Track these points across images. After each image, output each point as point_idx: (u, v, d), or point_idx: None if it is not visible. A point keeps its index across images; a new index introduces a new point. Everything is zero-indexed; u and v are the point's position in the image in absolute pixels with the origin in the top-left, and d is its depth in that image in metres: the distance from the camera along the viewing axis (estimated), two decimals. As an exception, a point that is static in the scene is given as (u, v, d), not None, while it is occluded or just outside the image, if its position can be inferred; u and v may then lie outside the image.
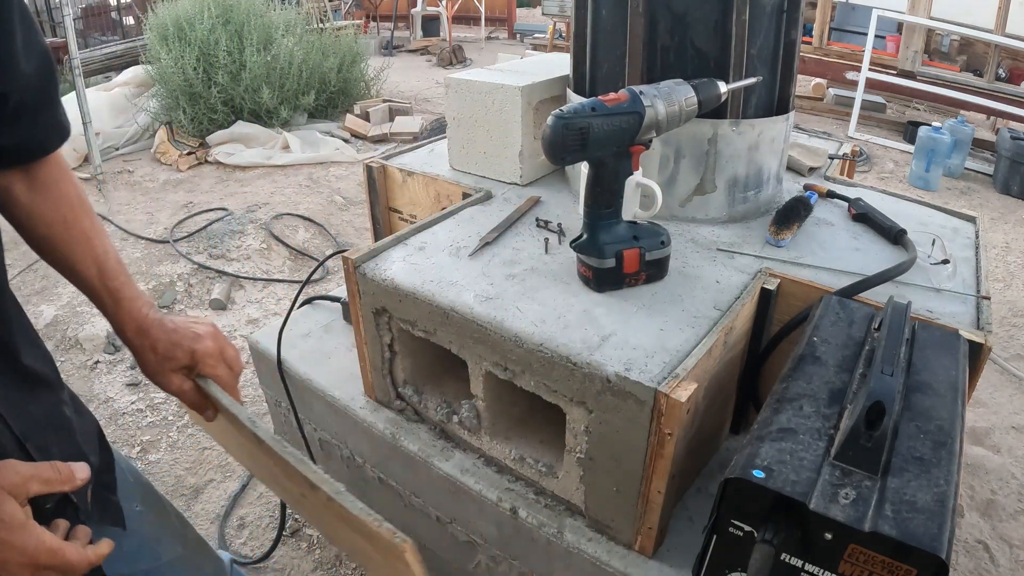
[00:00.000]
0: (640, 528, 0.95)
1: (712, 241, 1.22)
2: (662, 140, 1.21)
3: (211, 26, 4.25)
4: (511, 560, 1.13)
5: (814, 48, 6.36)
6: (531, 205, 1.35)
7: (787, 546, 0.67)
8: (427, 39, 9.49)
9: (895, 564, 0.62)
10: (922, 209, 1.41)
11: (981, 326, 0.99)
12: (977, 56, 6.77)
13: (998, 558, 1.62)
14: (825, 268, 1.12)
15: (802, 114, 5.57)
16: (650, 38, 1.21)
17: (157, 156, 4.11)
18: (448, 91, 1.47)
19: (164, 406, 2.08)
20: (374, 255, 1.15)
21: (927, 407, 0.78)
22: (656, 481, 0.89)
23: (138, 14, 5.72)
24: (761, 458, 0.70)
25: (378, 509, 0.61)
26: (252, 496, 1.75)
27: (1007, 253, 3.35)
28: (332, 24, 5.58)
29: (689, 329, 0.96)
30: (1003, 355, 2.47)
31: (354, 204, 3.57)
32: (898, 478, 0.67)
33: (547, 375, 0.95)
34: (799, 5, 1.23)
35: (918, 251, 1.15)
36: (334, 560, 1.56)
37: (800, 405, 0.78)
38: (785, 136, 1.32)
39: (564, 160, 0.98)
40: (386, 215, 1.61)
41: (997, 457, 1.96)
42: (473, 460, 1.16)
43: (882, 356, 0.78)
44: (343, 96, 5.02)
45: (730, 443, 1.21)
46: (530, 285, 1.07)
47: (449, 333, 1.05)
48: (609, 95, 0.96)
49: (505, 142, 1.43)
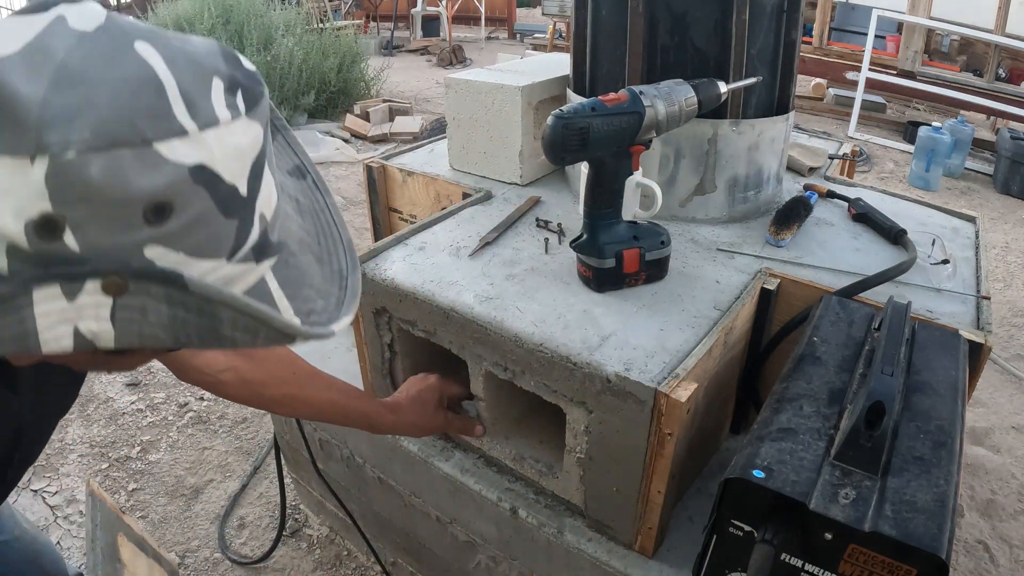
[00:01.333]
0: (640, 528, 0.95)
1: (712, 241, 1.22)
2: (662, 140, 1.21)
3: (211, 26, 4.25)
4: (511, 560, 1.13)
5: (814, 48, 6.36)
6: (531, 205, 1.36)
7: (787, 546, 0.67)
8: (427, 39, 9.49)
9: (895, 564, 0.62)
10: (922, 209, 1.41)
11: (981, 326, 0.99)
12: (977, 56, 6.77)
13: (998, 558, 1.63)
14: (825, 268, 1.12)
15: (802, 114, 5.57)
16: (650, 38, 1.21)
17: (157, 156, 4.11)
18: (448, 91, 1.47)
19: (164, 406, 2.08)
20: (374, 255, 1.15)
21: (927, 407, 0.78)
22: (656, 481, 0.89)
23: (138, 14, 5.72)
24: (761, 458, 0.70)
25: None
26: (252, 496, 1.75)
27: (1007, 253, 3.35)
28: (332, 24, 5.59)
29: (689, 329, 0.96)
30: (1003, 355, 2.47)
31: (354, 204, 3.57)
32: (898, 478, 0.67)
33: (547, 375, 0.95)
34: (799, 5, 1.23)
35: (918, 251, 1.15)
36: (334, 560, 1.57)
37: (800, 405, 0.78)
38: (785, 136, 1.32)
39: (564, 160, 0.98)
40: (386, 215, 1.61)
41: (997, 457, 1.96)
42: (473, 460, 1.16)
43: (882, 356, 0.78)
44: (343, 96, 5.03)
45: (730, 443, 1.21)
46: (530, 285, 1.07)
47: (449, 333, 1.05)
48: (609, 95, 0.96)
49: (505, 142, 1.43)
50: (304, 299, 0.50)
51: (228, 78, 0.43)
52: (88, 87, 0.38)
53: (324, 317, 0.51)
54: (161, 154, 0.39)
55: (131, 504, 1.72)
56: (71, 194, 0.37)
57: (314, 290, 0.52)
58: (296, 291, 0.50)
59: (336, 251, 0.57)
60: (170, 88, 0.40)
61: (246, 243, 0.45)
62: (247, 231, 0.45)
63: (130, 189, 0.38)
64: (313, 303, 0.51)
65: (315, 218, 0.58)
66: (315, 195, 0.60)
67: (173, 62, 0.41)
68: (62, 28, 0.40)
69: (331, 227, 0.59)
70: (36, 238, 0.38)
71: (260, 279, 0.48)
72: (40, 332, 0.39)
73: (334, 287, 0.54)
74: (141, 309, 0.41)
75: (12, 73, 0.37)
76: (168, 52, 0.41)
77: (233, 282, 0.46)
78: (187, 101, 0.40)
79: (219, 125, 0.41)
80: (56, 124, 0.36)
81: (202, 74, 0.42)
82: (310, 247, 0.55)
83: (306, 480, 1.60)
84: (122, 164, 0.38)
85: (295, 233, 0.53)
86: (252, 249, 0.46)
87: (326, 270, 0.55)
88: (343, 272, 0.56)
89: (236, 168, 0.43)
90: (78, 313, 0.40)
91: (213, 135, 0.41)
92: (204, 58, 0.43)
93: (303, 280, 0.52)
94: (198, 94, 0.41)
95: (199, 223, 0.41)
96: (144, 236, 0.40)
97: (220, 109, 0.42)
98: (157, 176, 0.39)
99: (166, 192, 0.39)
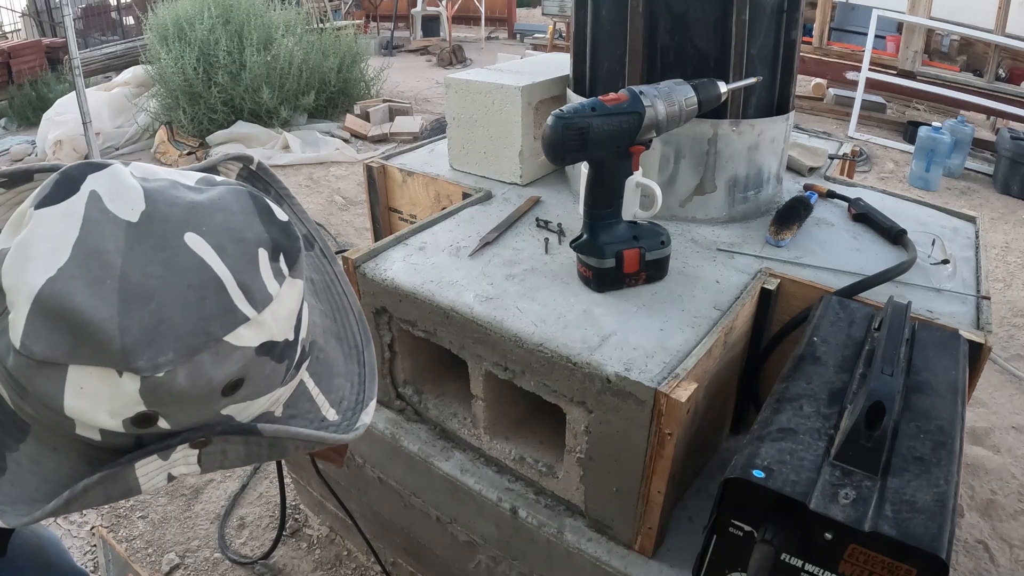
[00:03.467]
0: (640, 528, 0.95)
1: (712, 241, 1.22)
2: (662, 140, 1.21)
3: (211, 26, 4.25)
4: (511, 560, 1.13)
5: (814, 48, 6.36)
6: (531, 205, 1.35)
7: (787, 546, 0.67)
8: (427, 39, 9.49)
9: (895, 564, 0.62)
10: (922, 209, 1.41)
11: (981, 326, 0.98)
12: (977, 56, 6.77)
13: (998, 558, 1.62)
14: (825, 268, 1.12)
15: (802, 114, 5.57)
16: (650, 38, 1.21)
17: (157, 156, 4.12)
18: (448, 91, 1.47)
19: (164, 406, 2.07)
20: (374, 255, 1.15)
21: (927, 407, 0.77)
22: (656, 481, 0.89)
23: (138, 14, 5.72)
24: (761, 458, 0.70)
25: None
26: (252, 496, 1.75)
27: (1007, 253, 3.35)
28: (332, 24, 5.58)
29: (689, 329, 0.96)
30: (1003, 355, 2.47)
31: (354, 204, 3.57)
32: (898, 478, 0.67)
33: (547, 375, 0.95)
34: (799, 5, 1.23)
35: (918, 251, 1.15)
36: (334, 560, 1.56)
37: (800, 405, 0.78)
38: (785, 136, 1.32)
39: (564, 160, 0.98)
40: (386, 215, 1.61)
41: (997, 457, 1.96)
42: (473, 460, 1.16)
43: (882, 356, 0.78)
44: (343, 96, 5.03)
45: (730, 443, 1.21)
46: (530, 285, 1.07)
47: (449, 333, 1.05)
48: (609, 95, 0.96)
49: (505, 142, 1.43)
50: (335, 389, 0.57)
51: (270, 244, 0.47)
52: (158, 303, 0.41)
53: (352, 400, 0.58)
54: (232, 344, 0.43)
55: (131, 504, 1.72)
56: (164, 397, 0.42)
57: (341, 376, 0.58)
58: (328, 383, 0.57)
59: (349, 324, 0.62)
60: (228, 283, 0.43)
61: (292, 367, 0.51)
62: (294, 359, 0.51)
63: (212, 383, 0.43)
64: (342, 390, 0.58)
65: (328, 292, 0.63)
66: (323, 265, 0.64)
67: (223, 250, 0.44)
68: (102, 216, 0.42)
69: (342, 298, 0.63)
70: (133, 427, 0.43)
71: (300, 382, 0.54)
72: (141, 485, 0.46)
73: (354, 364, 0.60)
74: (222, 452, 0.48)
75: (76, 293, 0.39)
76: (216, 239, 0.44)
77: (278, 402, 0.52)
78: (244, 290, 0.44)
79: (273, 301, 0.46)
80: (140, 349, 0.40)
81: (249, 252, 0.45)
82: (330, 329, 0.60)
83: (306, 480, 1.60)
84: (203, 366, 0.42)
85: (319, 324, 0.59)
86: (295, 367, 0.52)
87: (345, 347, 0.61)
88: (359, 346, 0.62)
89: (287, 325, 0.48)
90: (171, 465, 0.46)
91: (269, 313, 0.46)
92: (246, 229, 0.46)
93: (332, 370, 0.58)
94: (251, 277, 0.45)
95: (263, 379, 0.48)
96: (222, 404, 0.46)
97: (270, 283, 0.46)
98: (230, 364, 0.44)
99: (239, 373, 0.45)
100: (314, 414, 0.55)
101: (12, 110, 5.08)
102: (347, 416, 0.57)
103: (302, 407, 0.55)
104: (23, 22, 7.95)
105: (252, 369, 0.46)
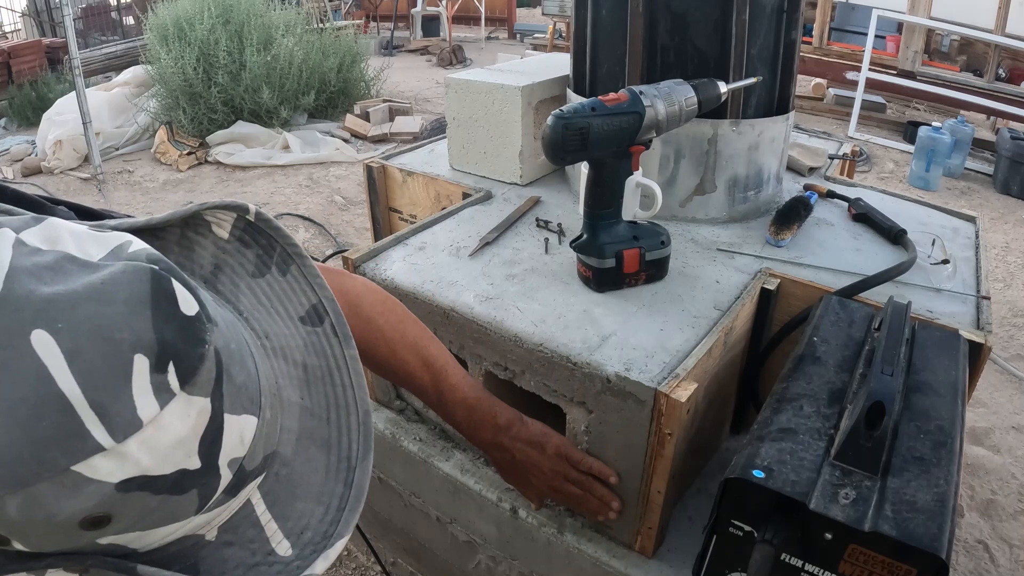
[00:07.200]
0: (640, 528, 0.95)
1: (712, 241, 1.22)
2: (662, 140, 1.21)
3: (211, 26, 4.25)
4: (511, 560, 1.13)
5: (814, 48, 6.36)
6: (531, 205, 1.35)
7: (787, 546, 0.67)
8: (427, 39, 9.49)
9: (895, 564, 0.62)
10: (922, 209, 1.41)
11: (981, 326, 0.99)
12: (977, 56, 6.76)
13: (998, 558, 1.62)
14: (825, 268, 1.12)
15: (802, 114, 5.57)
16: (650, 38, 1.21)
17: (157, 156, 4.12)
18: (448, 91, 1.47)
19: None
20: (374, 255, 1.15)
21: (927, 407, 0.78)
22: (656, 481, 0.89)
23: (138, 14, 5.72)
24: (761, 458, 0.70)
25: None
26: (252, 496, 1.75)
27: (1007, 253, 3.35)
28: (332, 24, 5.59)
29: (689, 329, 0.96)
30: (1003, 355, 2.47)
31: (354, 204, 3.57)
32: (898, 478, 0.67)
33: (547, 375, 0.95)
34: (799, 5, 1.23)
35: (918, 251, 1.15)
36: (334, 560, 1.56)
37: (800, 405, 0.78)
38: (785, 136, 1.32)
39: (564, 160, 0.98)
40: (386, 215, 1.61)
41: (997, 457, 1.96)
42: (473, 460, 1.16)
43: (882, 356, 0.78)
44: (343, 96, 5.02)
45: (730, 443, 1.21)
46: (530, 285, 1.07)
47: (449, 333, 1.05)
48: (609, 95, 0.96)
49: (505, 142, 1.43)
50: (297, 515, 0.47)
51: (154, 349, 0.35)
52: None
53: (320, 531, 0.47)
54: (83, 474, 0.34)
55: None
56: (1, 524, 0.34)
57: (311, 499, 0.48)
58: (288, 507, 0.46)
59: (348, 427, 0.51)
60: (75, 400, 0.33)
61: (214, 494, 0.40)
62: (212, 487, 0.40)
63: (56, 517, 0.34)
64: (308, 516, 0.47)
65: (325, 384, 0.51)
66: (331, 346, 0.52)
67: (76, 356, 0.33)
68: None
69: (345, 390, 0.52)
70: None
71: (244, 503, 0.44)
72: None
73: (338, 483, 0.49)
74: None
75: None
76: (73, 340, 0.33)
77: (209, 524, 0.42)
78: (98, 411, 0.34)
79: (143, 429, 0.35)
80: None
81: (118, 359, 0.34)
82: (315, 434, 0.50)
83: (306, 480, 1.60)
84: (40, 498, 0.33)
85: (293, 429, 0.48)
86: (224, 492, 0.41)
87: (332, 459, 0.50)
88: (351, 459, 0.50)
89: (178, 457, 0.37)
90: None
91: (137, 442, 0.35)
92: (122, 327, 0.35)
93: (296, 492, 0.47)
94: (111, 394, 0.34)
95: (146, 514, 0.38)
96: (89, 538, 0.37)
97: (143, 405, 0.35)
98: (82, 499, 0.34)
99: (97, 509, 0.35)
100: (259, 544, 0.45)
101: (12, 110, 5.08)
102: (304, 553, 0.46)
103: (243, 534, 0.44)
104: (23, 22, 7.95)
105: (118, 506, 0.36)
